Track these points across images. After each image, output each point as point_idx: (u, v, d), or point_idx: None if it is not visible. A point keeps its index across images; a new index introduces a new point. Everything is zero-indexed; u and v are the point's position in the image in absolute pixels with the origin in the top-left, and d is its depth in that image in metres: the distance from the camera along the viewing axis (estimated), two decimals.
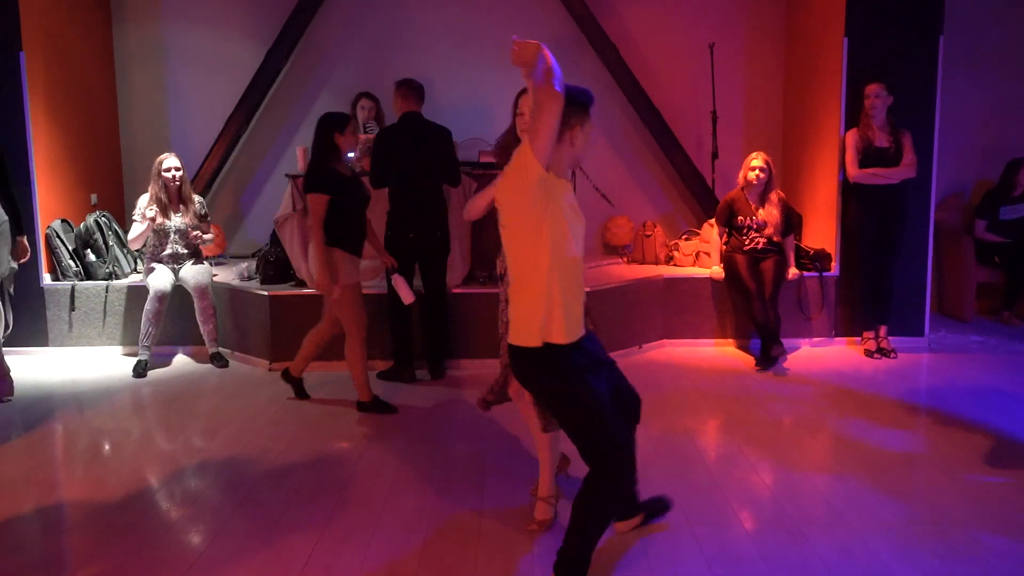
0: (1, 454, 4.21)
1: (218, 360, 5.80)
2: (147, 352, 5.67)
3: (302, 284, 5.85)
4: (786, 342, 5.82)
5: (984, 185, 7.08)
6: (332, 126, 4.58)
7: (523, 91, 2.87)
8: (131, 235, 5.81)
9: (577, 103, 2.68)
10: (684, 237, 6.75)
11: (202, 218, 5.95)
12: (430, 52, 7.16)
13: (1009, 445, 4.18)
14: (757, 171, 5.75)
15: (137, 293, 6.03)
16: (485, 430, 4.45)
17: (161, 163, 5.77)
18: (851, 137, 5.78)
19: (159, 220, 5.75)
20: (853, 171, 5.75)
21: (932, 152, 5.99)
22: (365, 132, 6.33)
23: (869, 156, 5.70)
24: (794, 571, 2.98)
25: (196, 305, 5.76)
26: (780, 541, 3.20)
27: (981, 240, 6.76)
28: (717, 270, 6.02)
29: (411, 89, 5.30)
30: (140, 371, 5.59)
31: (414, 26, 7.21)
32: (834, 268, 6.11)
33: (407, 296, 4.87)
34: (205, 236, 5.93)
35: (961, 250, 6.77)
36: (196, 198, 5.96)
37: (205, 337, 5.81)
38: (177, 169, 5.78)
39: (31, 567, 3.07)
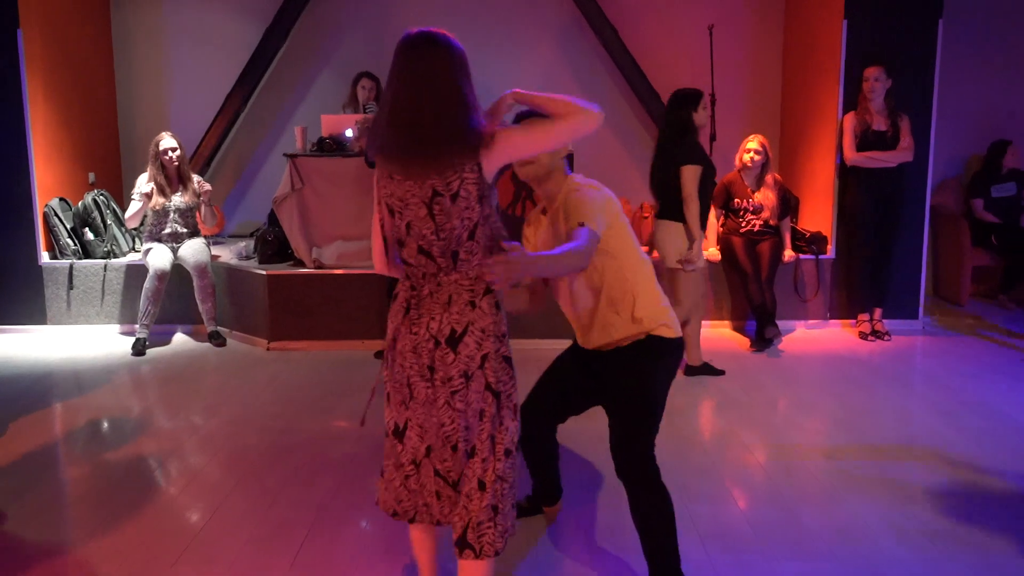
0: (2, 432, 4.23)
1: (216, 339, 5.82)
2: (146, 330, 5.69)
3: (300, 263, 5.87)
4: (781, 324, 5.86)
5: (977, 161, 7.10)
6: (688, 103, 4.68)
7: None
8: (128, 213, 5.82)
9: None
10: None
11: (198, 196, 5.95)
12: None
13: (1002, 426, 4.22)
14: (752, 153, 5.76)
15: (135, 272, 6.05)
16: None
17: (158, 144, 5.77)
18: (849, 120, 5.79)
19: (159, 200, 5.76)
20: (850, 154, 5.77)
21: (929, 136, 6.00)
22: (365, 112, 6.33)
23: (867, 139, 5.72)
24: (789, 549, 3.02)
25: (195, 284, 5.78)
26: (775, 520, 3.24)
27: (980, 220, 6.79)
28: (714, 252, 6.04)
29: None
30: (139, 349, 5.61)
31: (415, 5, 7.18)
32: (830, 251, 6.13)
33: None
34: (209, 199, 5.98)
35: (957, 233, 6.80)
36: (195, 177, 5.97)
37: (204, 316, 5.84)
38: (174, 149, 5.77)
39: (32, 544, 3.10)
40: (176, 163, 5.79)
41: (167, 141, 5.77)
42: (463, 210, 2.20)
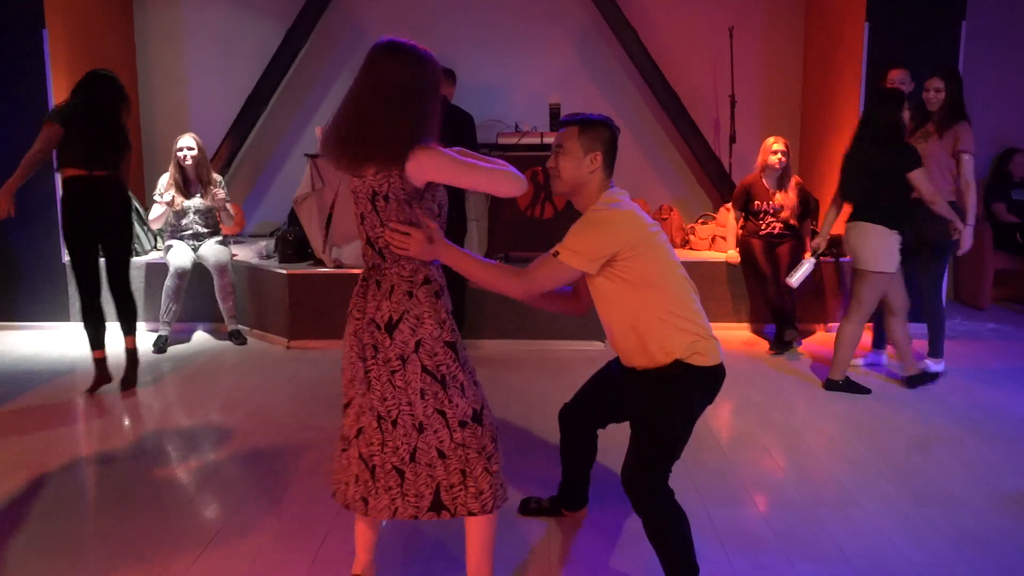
0: (23, 426, 4.29)
1: (237, 338, 5.87)
2: (167, 328, 5.74)
3: (320, 263, 5.91)
4: (801, 327, 5.84)
5: (1001, 161, 7.07)
6: (897, 103, 4.58)
7: None
8: (151, 215, 5.88)
9: None
10: (700, 221, 6.76)
11: (217, 205, 5.95)
12: (450, 33, 7.18)
13: (1019, 431, 4.20)
14: (779, 155, 5.74)
15: (157, 270, 6.10)
16: (500, 407, 4.50)
17: (176, 143, 5.80)
18: None
19: (177, 201, 5.81)
20: None
21: None
22: None
23: None
24: (806, 551, 3.02)
25: (216, 283, 5.82)
26: (792, 521, 3.24)
27: (1003, 222, 6.76)
28: (733, 254, 6.03)
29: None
30: (160, 346, 5.66)
31: (434, 7, 7.22)
32: None
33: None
34: (228, 206, 5.96)
35: (979, 237, 6.74)
36: (216, 178, 5.99)
37: (224, 314, 5.88)
38: (190, 148, 5.78)
39: (51, 539, 3.14)
40: (190, 163, 5.80)
41: (183, 140, 5.80)
42: (396, 211, 2.40)
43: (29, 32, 5.95)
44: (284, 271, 5.79)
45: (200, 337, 6.06)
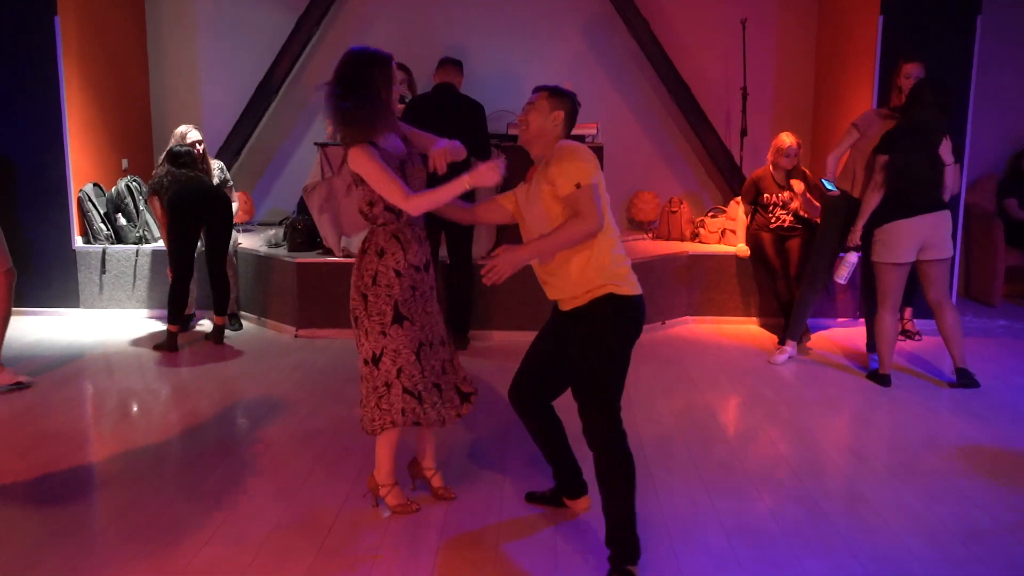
0: (33, 412, 4.31)
1: (234, 323, 5.90)
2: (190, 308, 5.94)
3: (329, 252, 5.90)
4: (810, 322, 5.80)
5: (1018, 158, 7.02)
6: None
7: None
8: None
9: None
10: (710, 214, 6.73)
11: (222, 183, 5.95)
12: (461, 22, 7.15)
13: None
14: (791, 154, 5.69)
15: (165, 258, 6.09)
16: (506, 399, 4.49)
17: (185, 136, 5.69)
18: None
19: None
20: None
21: (965, 134, 5.91)
22: (400, 103, 6.34)
23: None
24: (813, 547, 3.00)
25: None
26: (800, 517, 3.22)
27: (1015, 218, 6.71)
28: (743, 248, 6.00)
29: (447, 62, 5.43)
30: (183, 325, 5.79)
31: None
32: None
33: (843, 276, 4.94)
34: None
35: (991, 233, 6.71)
36: (216, 164, 5.98)
37: None
38: (200, 142, 5.74)
39: (60, 523, 3.15)
40: (201, 154, 5.76)
41: (194, 133, 5.68)
42: None
43: (41, 19, 5.94)
44: (293, 260, 5.79)
45: (208, 324, 6.06)
